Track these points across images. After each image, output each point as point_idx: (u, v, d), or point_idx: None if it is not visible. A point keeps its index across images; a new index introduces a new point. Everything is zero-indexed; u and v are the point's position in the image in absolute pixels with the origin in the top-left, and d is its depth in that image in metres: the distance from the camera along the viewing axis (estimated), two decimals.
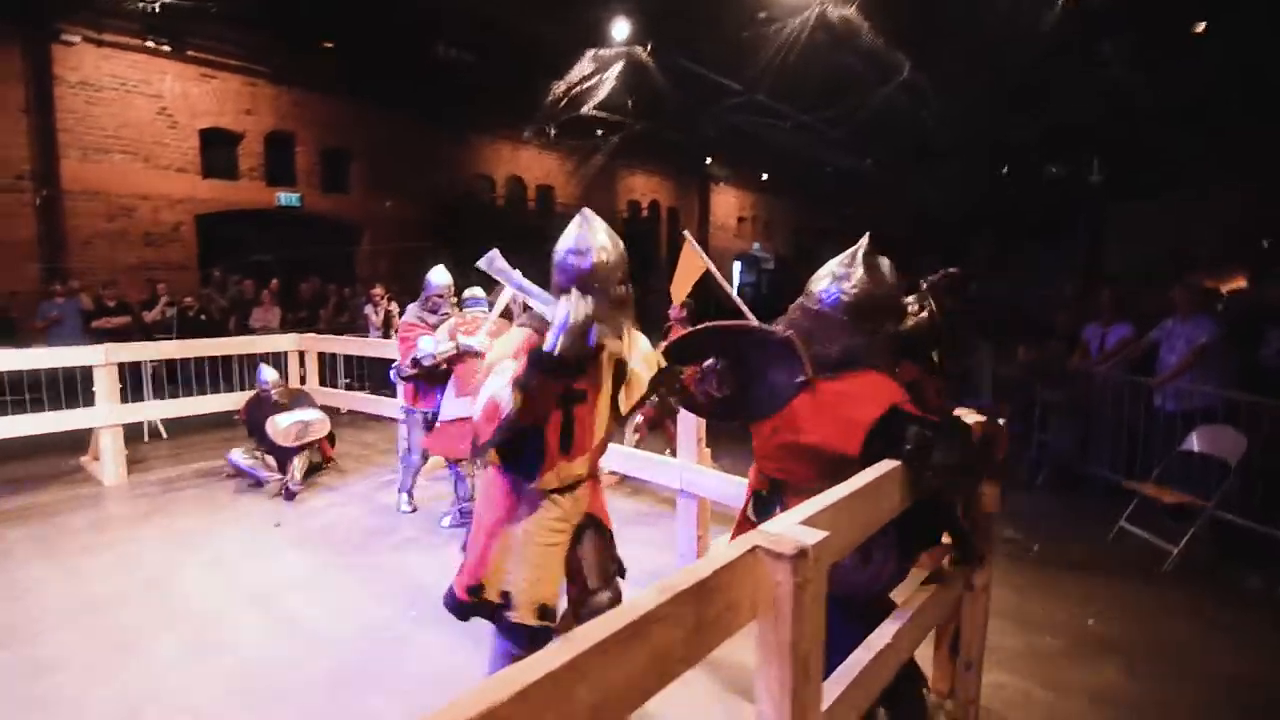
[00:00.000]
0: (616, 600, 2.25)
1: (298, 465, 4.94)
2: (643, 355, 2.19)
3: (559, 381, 1.79)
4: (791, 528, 1.19)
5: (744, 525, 1.92)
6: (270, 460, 5.08)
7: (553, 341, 1.69)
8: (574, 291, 1.81)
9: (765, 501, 1.89)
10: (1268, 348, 4.55)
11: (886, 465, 1.63)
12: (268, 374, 5.25)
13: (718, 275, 3.02)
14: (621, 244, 2.10)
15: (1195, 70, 10.72)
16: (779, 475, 1.89)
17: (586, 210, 2.15)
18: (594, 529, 2.24)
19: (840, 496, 1.38)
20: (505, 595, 2.06)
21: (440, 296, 4.37)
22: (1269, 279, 7.80)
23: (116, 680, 2.67)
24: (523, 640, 2.06)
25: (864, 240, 1.94)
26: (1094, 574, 3.80)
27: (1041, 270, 13.59)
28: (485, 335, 3.81)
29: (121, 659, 2.81)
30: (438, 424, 4.13)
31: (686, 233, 3.29)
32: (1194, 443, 4.18)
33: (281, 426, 4.90)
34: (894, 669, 1.70)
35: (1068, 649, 3.03)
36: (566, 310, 1.69)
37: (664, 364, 1.97)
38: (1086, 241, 14.97)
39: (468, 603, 2.10)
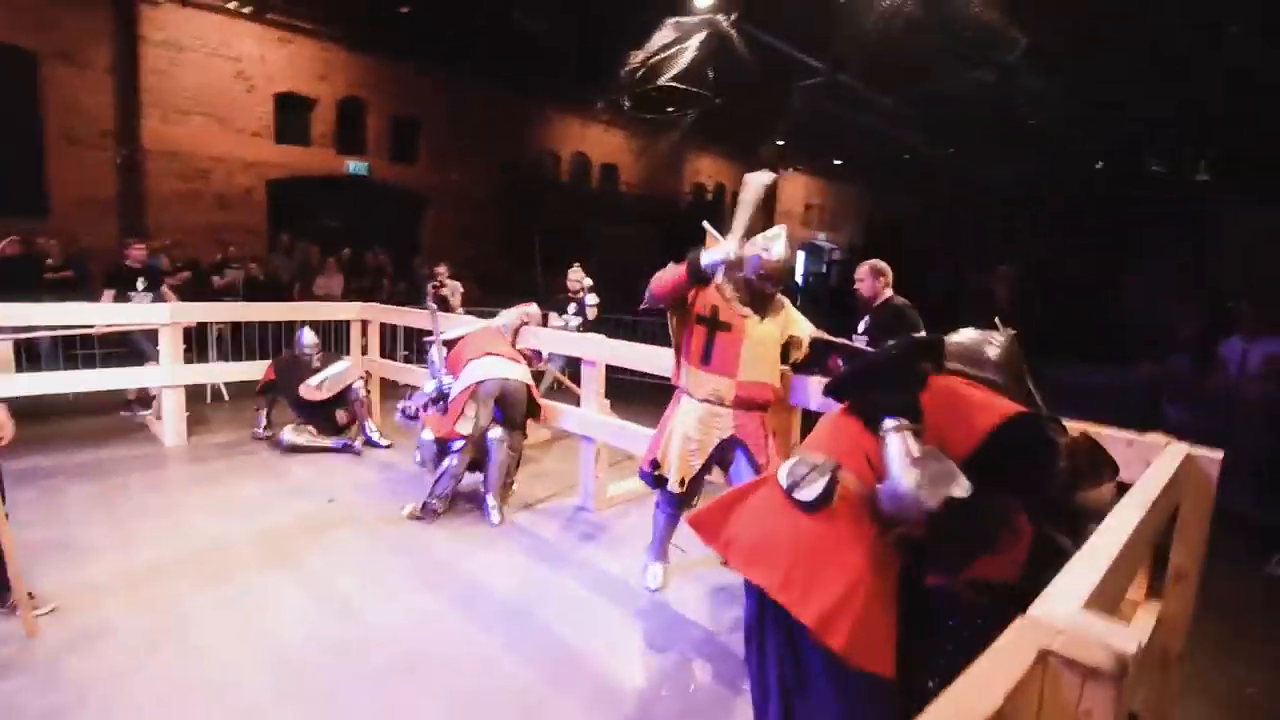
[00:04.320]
0: None
1: (344, 422, 5.16)
2: (807, 327, 2.95)
3: (692, 281, 2.78)
4: (1086, 618, 0.80)
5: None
6: (311, 429, 5.00)
7: (704, 260, 2.76)
8: (731, 244, 2.76)
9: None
10: None
11: (1138, 508, 1.21)
12: (308, 337, 5.14)
13: None
14: (791, 260, 2.94)
15: None
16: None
17: (782, 225, 2.96)
18: (742, 451, 2.83)
19: (1115, 555, 0.97)
20: (655, 461, 2.95)
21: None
22: None
23: (160, 660, 2.47)
24: (671, 501, 3.03)
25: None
26: (1243, 627, 3.26)
27: (1148, 277, 12.52)
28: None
29: (165, 636, 2.61)
30: (447, 404, 3.92)
31: (706, 224, 3.22)
32: None
33: (312, 385, 4.93)
34: None
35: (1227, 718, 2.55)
36: (719, 253, 2.76)
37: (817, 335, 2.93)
38: (1193, 248, 13.71)
39: (650, 473, 2.98)
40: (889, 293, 3.95)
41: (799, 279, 20.95)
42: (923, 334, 1.75)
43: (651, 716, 2.33)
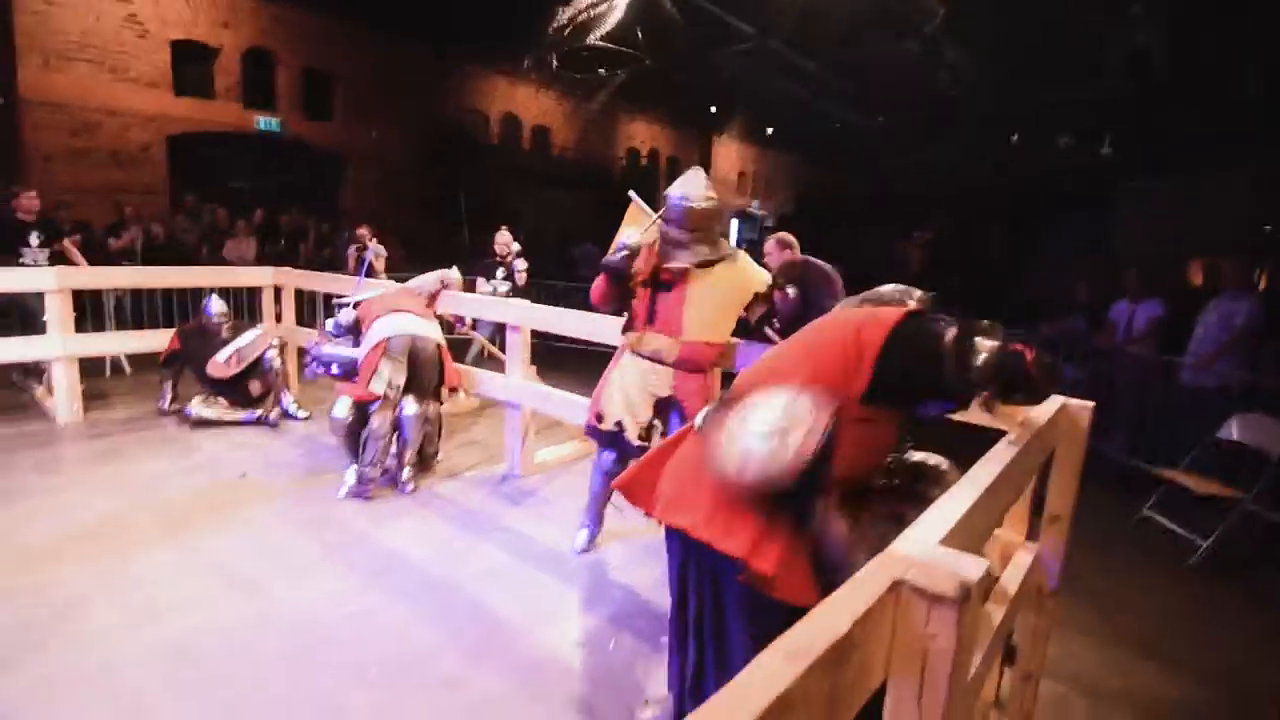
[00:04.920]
0: None
1: (258, 393, 4.88)
2: (757, 279, 2.84)
3: (611, 274, 2.86)
4: (939, 551, 0.86)
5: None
6: (222, 401, 4.78)
7: (607, 259, 2.88)
8: (625, 232, 2.98)
9: None
10: None
11: (1007, 453, 1.31)
12: (216, 305, 4.85)
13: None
14: (716, 199, 2.82)
15: (1222, 40, 10.25)
16: None
17: (698, 167, 2.97)
18: (676, 414, 2.83)
19: (977, 497, 1.05)
20: (599, 415, 2.96)
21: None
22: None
23: (46, 647, 2.34)
24: (604, 442, 3.01)
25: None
26: (1117, 566, 3.58)
27: (1053, 245, 13.26)
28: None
29: (53, 623, 2.47)
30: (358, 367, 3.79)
31: (632, 192, 3.28)
32: (1232, 430, 3.95)
33: (220, 361, 4.67)
34: None
35: (1097, 648, 2.81)
36: (620, 242, 2.90)
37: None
38: (1097, 218, 14.58)
39: (595, 427, 2.99)
40: None
41: (731, 244, 21.11)
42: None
43: (570, 678, 2.37)
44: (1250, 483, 3.77)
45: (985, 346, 1.47)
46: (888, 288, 1.91)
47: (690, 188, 2.77)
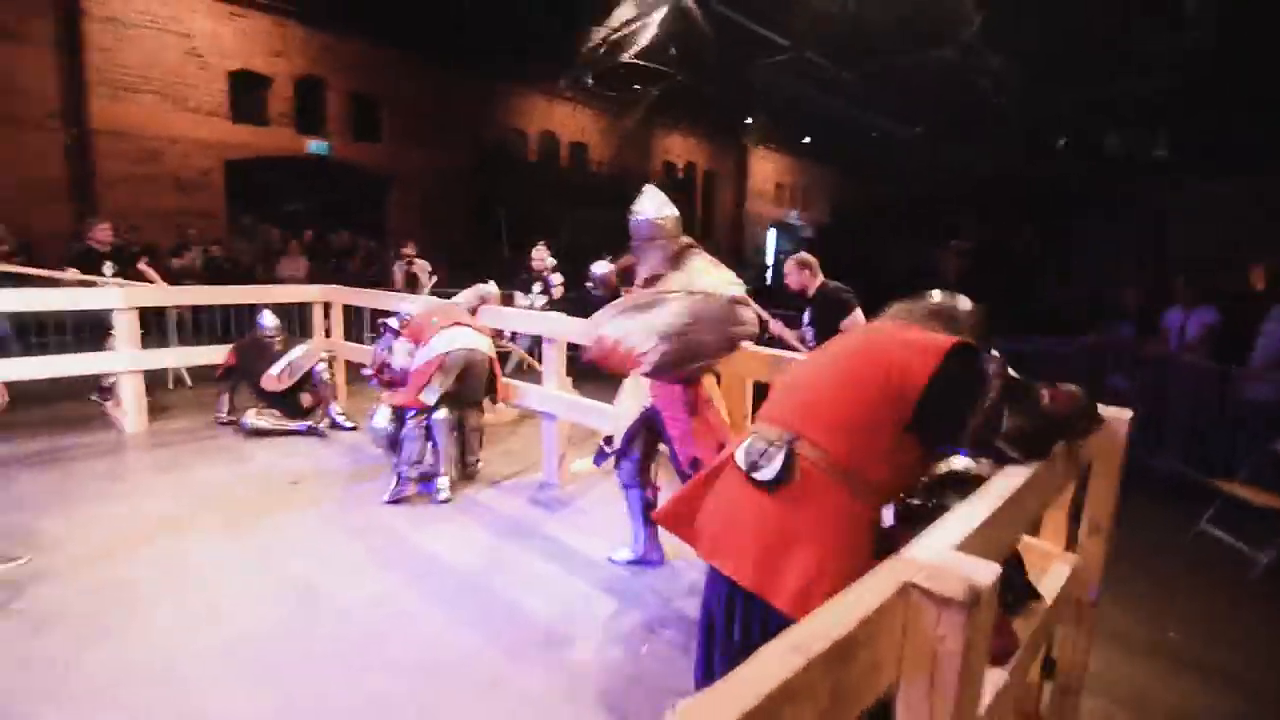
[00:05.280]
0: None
1: (309, 404, 5.11)
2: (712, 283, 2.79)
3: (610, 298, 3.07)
4: (950, 556, 0.88)
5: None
6: (275, 412, 4.99)
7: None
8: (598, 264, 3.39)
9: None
10: None
11: (1025, 471, 1.31)
12: (269, 320, 5.09)
13: None
14: (670, 211, 2.89)
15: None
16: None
17: (651, 185, 3.03)
18: (659, 422, 2.88)
19: (996, 506, 1.07)
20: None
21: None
22: None
23: (110, 643, 2.49)
24: (624, 470, 3.12)
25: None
26: (1172, 580, 3.46)
27: (1097, 251, 12.83)
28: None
29: (118, 620, 2.63)
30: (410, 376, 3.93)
31: None
32: None
33: (273, 375, 4.87)
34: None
35: (1147, 664, 2.73)
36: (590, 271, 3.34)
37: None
38: (1150, 223, 14.04)
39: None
40: (819, 279, 4.13)
41: (769, 256, 21.08)
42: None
43: (604, 680, 2.42)
44: None
45: (1014, 418, 1.44)
46: (936, 295, 1.83)
47: (641, 204, 2.88)
